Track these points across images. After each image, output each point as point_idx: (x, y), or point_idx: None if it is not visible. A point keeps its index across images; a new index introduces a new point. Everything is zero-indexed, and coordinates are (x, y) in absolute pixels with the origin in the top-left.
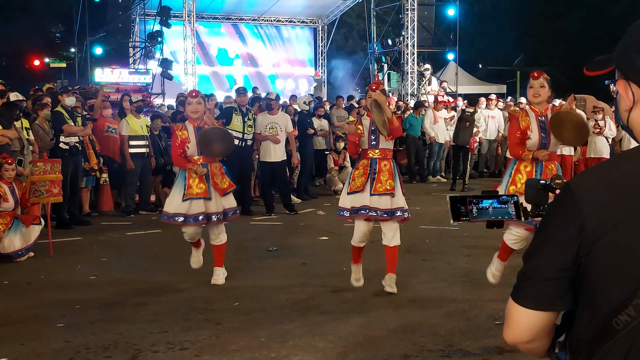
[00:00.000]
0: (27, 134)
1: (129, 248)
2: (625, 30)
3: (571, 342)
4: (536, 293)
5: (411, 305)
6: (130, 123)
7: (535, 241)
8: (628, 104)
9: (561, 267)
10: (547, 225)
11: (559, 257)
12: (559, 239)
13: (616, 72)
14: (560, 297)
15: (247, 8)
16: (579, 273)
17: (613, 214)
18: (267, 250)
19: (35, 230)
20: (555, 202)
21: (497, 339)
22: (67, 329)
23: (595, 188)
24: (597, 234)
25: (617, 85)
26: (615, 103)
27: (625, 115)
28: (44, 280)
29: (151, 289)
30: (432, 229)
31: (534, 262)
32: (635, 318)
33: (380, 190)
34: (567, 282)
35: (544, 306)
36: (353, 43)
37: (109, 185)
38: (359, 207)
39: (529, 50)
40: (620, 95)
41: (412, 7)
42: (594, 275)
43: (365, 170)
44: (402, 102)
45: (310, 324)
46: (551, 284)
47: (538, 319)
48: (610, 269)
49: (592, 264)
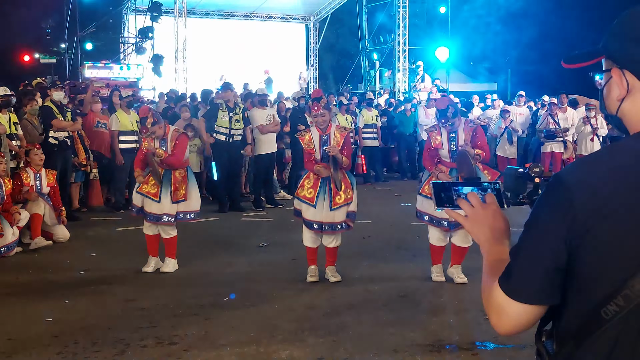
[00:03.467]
0: (15, 128)
1: (118, 244)
2: None
3: (558, 331)
4: (529, 286)
5: (401, 300)
6: (120, 118)
7: (526, 232)
8: (622, 93)
9: (553, 259)
10: (538, 216)
11: (551, 248)
12: (550, 230)
13: (605, 62)
14: (554, 289)
15: (239, 4)
16: (568, 263)
17: (603, 205)
18: (258, 246)
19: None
20: (545, 192)
21: (487, 333)
22: (56, 323)
23: (586, 179)
24: (588, 225)
25: (612, 73)
26: (601, 93)
27: (615, 105)
28: (32, 275)
29: (140, 284)
30: (423, 226)
31: (526, 254)
32: (624, 308)
33: (340, 202)
34: (560, 273)
35: (539, 300)
36: (344, 40)
37: (98, 181)
38: (311, 220)
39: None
40: (613, 82)
41: (404, 4)
42: (584, 266)
43: (316, 183)
44: (393, 99)
45: (300, 319)
46: (544, 276)
47: (532, 312)
48: (600, 259)
49: (582, 254)
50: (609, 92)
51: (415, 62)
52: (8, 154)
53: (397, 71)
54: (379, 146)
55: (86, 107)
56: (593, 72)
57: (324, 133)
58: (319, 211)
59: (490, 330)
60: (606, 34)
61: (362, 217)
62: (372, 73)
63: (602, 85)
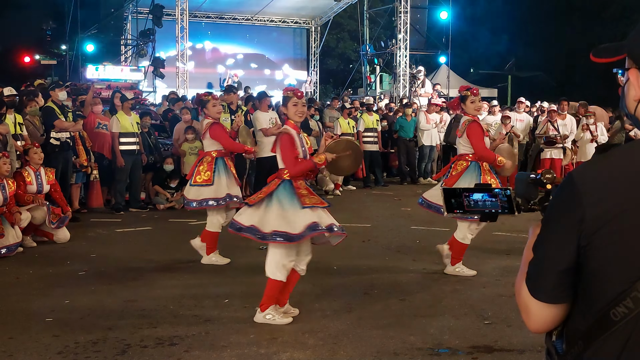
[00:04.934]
0: (20, 129)
1: (119, 245)
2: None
3: (567, 331)
4: (548, 286)
5: (401, 304)
6: (120, 120)
7: (542, 232)
8: (639, 93)
9: (565, 258)
10: (550, 216)
11: (564, 248)
12: (561, 229)
13: (627, 61)
14: (569, 288)
15: (241, 8)
16: (579, 262)
17: (614, 206)
18: (258, 249)
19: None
20: (557, 192)
21: (487, 338)
22: (56, 323)
23: (597, 179)
24: (597, 225)
25: (629, 74)
26: (623, 91)
27: (633, 105)
28: (32, 275)
29: (140, 285)
30: (422, 230)
31: (541, 253)
32: (633, 310)
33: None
34: (574, 273)
35: (554, 299)
36: (345, 45)
37: (99, 182)
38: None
39: (520, 54)
40: (631, 83)
41: (405, 9)
42: (593, 266)
43: (308, 190)
44: (394, 103)
45: (300, 321)
46: (560, 275)
47: (553, 311)
48: (609, 260)
49: (592, 254)
50: (628, 91)
51: (415, 68)
52: (14, 154)
53: (398, 76)
54: (379, 150)
55: (87, 108)
56: (616, 69)
57: (299, 132)
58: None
59: (490, 334)
60: (633, 31)
61: (362, 221)
62: (373, 77)
63: (623, 83)
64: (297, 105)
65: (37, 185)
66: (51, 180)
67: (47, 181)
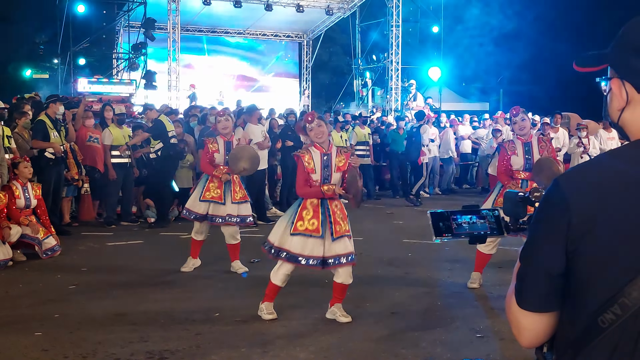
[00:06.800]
0: (8, 142)
1: (109, 258)
2: None
3: (557, 340)
4: (534, 293)
5: (393, 317)
6: (112, 133)
7: (528, 238)
8: (621, 104)
9: (553, 264)
10: (537, 222)
11: (550, 254)
12: (548, 236)
13: (609, 70)
14: (559, 295)
15: (232, 22)
16: (567, 269)
17: (599, 211)
18: (249, 262)
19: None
20: (544, 198)
21: (478, 351)
22: (45, 337)
23: (583, 185)
24: (583, 231)
25: (611, 83)
26: (605, 100)
27: (616, 114)
28: (22, 289)
29: (131, 298)
30: (414, 243)
31: (529, 260)
32: (620, 317)
33: (341, 232)
34: (563, 280)
35: (544, 307)
36: (337, 58)
37: (90, 195)
38: (309, 256)
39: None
40: (613, 93)
41: (397, 23)
42: (580, 273)
43: (316, 212)
44: (386, 117)
45: (292, 334)
46: (547, 283)
47: (543, 321)
48: (596, 266)
49: (579, 261)
50: (611, 101)
51: (407, 81)
52: (5, 167)
53: (390, 90)
54: (371, 164)
55: (78, 122)
56: (599, 78)
57: (325, 152)
58: (322, 243)
59: (481, 348)
60: (613, 41)
61: (354, 234)
62: (365, 91)
63: (606, 92)
64: (312, 130)
65: (25, 199)
66: (38, 195)
67: (34, 195)
